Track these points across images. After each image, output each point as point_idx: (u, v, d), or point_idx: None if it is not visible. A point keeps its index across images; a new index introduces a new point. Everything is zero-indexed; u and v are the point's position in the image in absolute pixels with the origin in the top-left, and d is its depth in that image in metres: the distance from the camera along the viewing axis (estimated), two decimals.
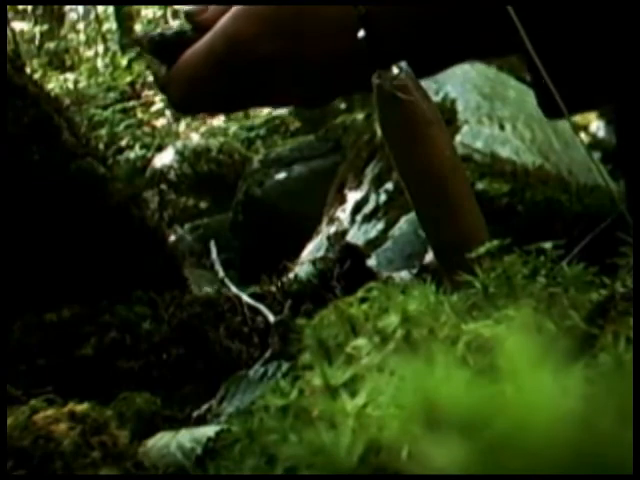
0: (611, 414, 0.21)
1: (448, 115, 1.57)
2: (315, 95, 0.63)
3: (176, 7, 6.77)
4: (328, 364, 0.30)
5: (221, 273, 0.88)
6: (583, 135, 2.39)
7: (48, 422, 0.45)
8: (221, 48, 0.58)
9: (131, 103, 4.12)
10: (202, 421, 0.64)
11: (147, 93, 4.55)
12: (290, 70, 0.58)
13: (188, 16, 0.61)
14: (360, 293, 0.36)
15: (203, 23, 0.60)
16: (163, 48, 0.61)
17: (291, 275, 0.87)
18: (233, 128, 3.39)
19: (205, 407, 0.67)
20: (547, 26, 0.52)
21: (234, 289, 0.83)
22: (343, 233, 1.32)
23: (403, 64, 0.53)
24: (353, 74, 0.58)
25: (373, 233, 0.96)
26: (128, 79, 4.74)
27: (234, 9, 0.58)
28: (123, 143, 2.94)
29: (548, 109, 0.55)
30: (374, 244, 0.94)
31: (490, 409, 0.21)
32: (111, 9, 6.13)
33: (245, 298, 0.81)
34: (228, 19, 0.58)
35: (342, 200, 1.65)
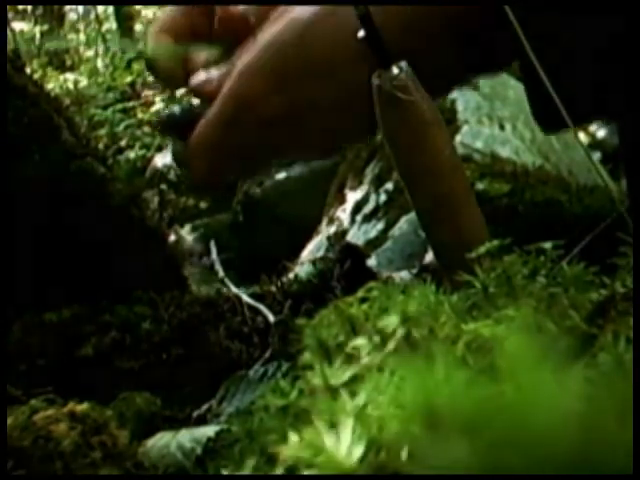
0: (611, 414, 0.21)
1: (448, 115, 1.57)
2: (330, 143, 0.62)
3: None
4: (328, 364, 0.30)
5: (221, 273, 0.88)
6: (583, 135, 2.39)
7: (48, 422, 0.45)
8: (230, 111, 0.57)
9: (131, 103, 4.12)
10: (202, 421, 0.64)
11: (147, 93, 4.55)
12: (302, 122, 0.57)
13: (196, 92, 0.61)
14: (360, 293, 0.36)
15: (208, 94, 0.59)
16: (174, 127, 0.62)
17: (291, 275, 0.87)
18: None
19: (205, 407, 0.67)
20: (542, 38, 0.51)
21: (234, 289, 0.83)
22: (343, 233, 1.32)
23: (403, 64, 0.53)
24: (368, 113, 0.55)
25: (373, 233, 0.96)
26: (128, 79, 4.74)
27: (237, 69, 0.57)
28: (123, 143, 2.94)
29: (544, 121, 0.54)
30: (374, 244, 0.94)
31: (490, 409, 0.21)
32: (111, 9, 6.13)
33: (245, 298, 0.81)
34: (233, 81, 0.57)
35: (342, 200, 1.65)
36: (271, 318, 0.78)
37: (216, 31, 0.63)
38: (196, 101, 0.62)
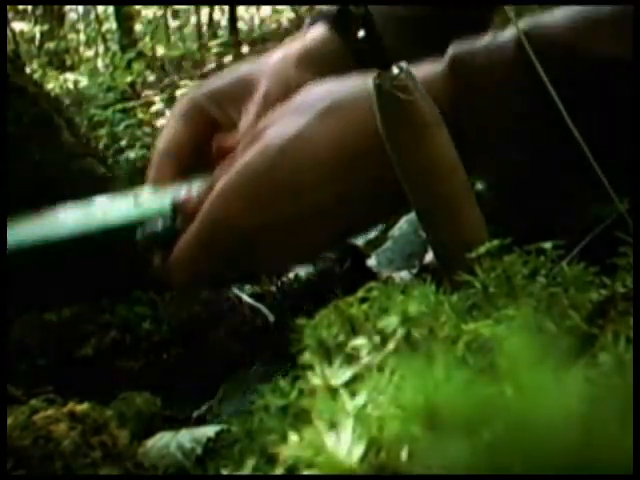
0: (611, 414, 0.21)
1: None
2: (306, 253, 0.67)
3: (176, 7, 6.77)
4: (328, 364, 0.30)
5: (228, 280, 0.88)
6: None
7: (48, 422, 0.45)
8: (208, 233, 0.62)
9: (131, 103, 4.12)
10: (202, 421, 0.64)
11: (147, 93, 4.55)
12: (277, 236, 0.61)
13: (176, 209, 0.66)
14: (360, 293, 0.36)
15: (188, 213, 0.64)
16: (156, 242, 0.67)
17: (291, 275, 0.87)
18: None
19: (205, 407, 0.67)
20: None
21: (234, 289, 0.83)
22: None
23: (403, 64, 0.53)
24: (345, 220, 0.62)
25: (373, 233, 0.96)
26: (128, 79, 4.73)
27: (215, 192, 0.62)
28: (123, 143, 2.94)
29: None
30: (374, 244, 0.94)
31: (490, 409, 0.21)
32: (111, 9, 6.13)
33: (245, 298, 0.81)
34: (210, 203, 0.62)
35: None
36: (271, 318, 0.78)
37: (213, 158, 0.71)
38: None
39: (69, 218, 0.67)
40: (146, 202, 0.69)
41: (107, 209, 0.68)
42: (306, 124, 0.61)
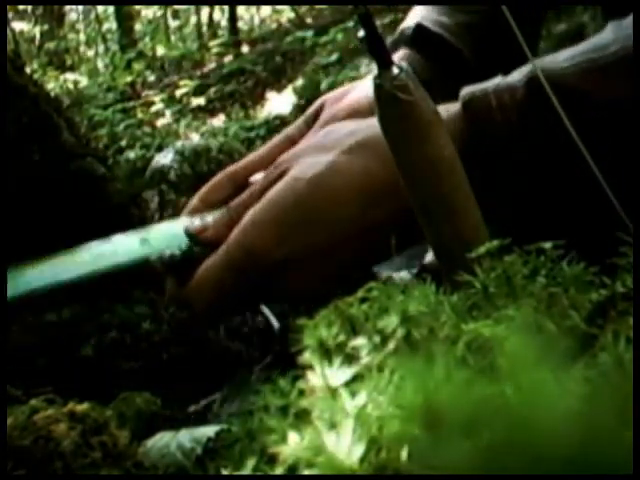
0: (611, 414, 0.21)
1: None
2: (333, 279, 0.68)
3: (176, 7, 6.77)
4: (328, 364, 0.30)
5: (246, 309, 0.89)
6: None
7: (48, 422, 0.45)
8: (239, 259, 0.64)
9: (131, 103, 4.12)
10: (202, 420, 0.64)
11: (147, 93, 4.55)
12: (306, 265, 0.64)
13: (191, 237, 0.68)
14: (360, 293, 0.36)
15: (207, 241, 0.67)
16: (174, 267, 0.68)
17: None
18: (233, 128, 3.40)
19: (204, 402, 0.67)
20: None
21: None
22: None
23: (403, 64, 0.53)
24: (373, 249, 0.64)
25: None
26: (128, 79, 4.74)
27: (243, 222, 0.65)
28: (123, 143, 2.94)
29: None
30: None
31: (490, 409, 0.21)
32: (111, 9, 6.13)
33: None
34: (241, 232, 0.64)
35: None
36: (274, 322, 0.78)
37: None
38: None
39: (77, 259, 0.68)
40: (154, 239, 0.70)
41: (115, 249, 0.69)
42: (334, 159, 0.64)
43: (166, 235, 0.70)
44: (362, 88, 0.80)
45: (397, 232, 0.63)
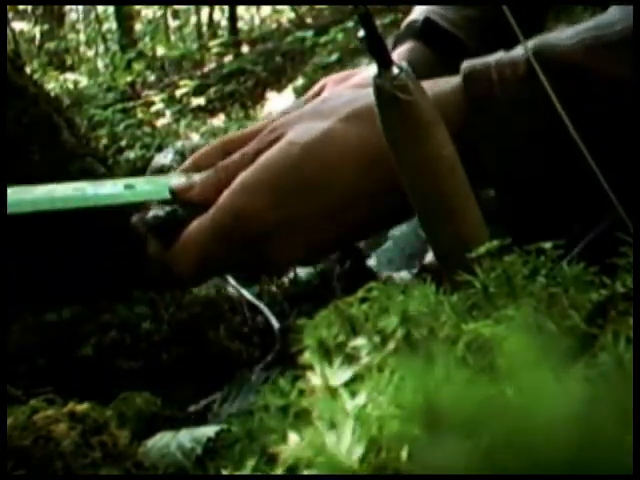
0: (611, 414, 0.21)
1: None
2: (317, 251, 0.67)
3: (176, 7, 6.77)
4: (328, 364, 0.30)
5: (228, 275, 0.88)
6: None
7: (48, 422, 0.45)
8: (229, 224, 0.62)
9: (131, 103, 4.12)
10: (202, 420, 0.64)
11: (147, 93, 4.55)
12: (294, 232, 0.63)
13: (175, 195, 0.66)
14: (360, 293, 0.36)
15: (192, 200, 0.65)
16: (158, 228, 0.65)
17: (291, 275, 0.87)
18: (233, 128, 3.40)
19: (204, 402, 0.67)
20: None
21: (244, 291, 0.83)
22: None
23: (403, 64, 0.53)
24: (364, 218, 0.64)
25: None
26: (128, 79, 4.74)
27: (233, 185, 0.63)
28: (123, 143, 2.94)
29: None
30: (374, 244, 0.94)
31: (490, 409, 0.21)
32: (111, 9, 6.12)
33: (255, 301, 0.81)
34: (230, 195, 0.62)
35: None
36: (274, 322, 0.78)
37: None
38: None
39: (63, 191, 0.66)
40: (140, 186, 0.68)
41: (100, 188, 0.67)
42: (331, 126, 0.63)
43: (151, 184, 0.68)
44: (367, 72, 0.79)
45: (391, 204, 0.62)
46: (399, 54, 0.84)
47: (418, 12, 0.89)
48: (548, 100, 0.52)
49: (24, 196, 0.64)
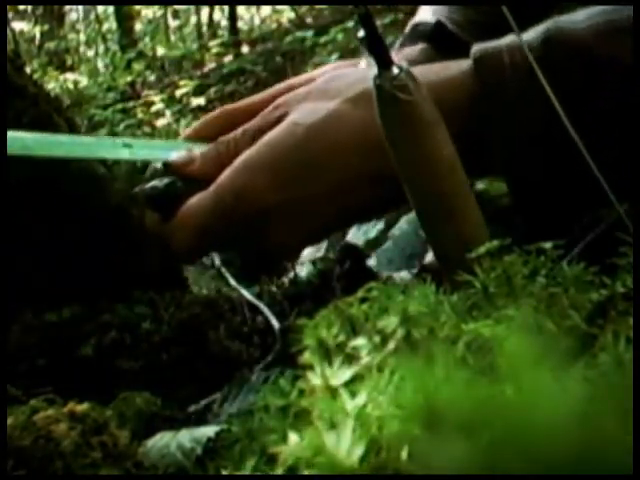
0: (611, 414, 0.21)
1: None
2: (316, 232, 0.67)
3: (176, 7, 6.77)
4: (328, 364, 0.30)
5: (228, 275, 0.88)
6: None
7: (48, 422, 0.45)
8: (229, 202, 0.61)
9: (131, 103, 4.12)
10: (202, 420, 0.64)
11: (147, 93, 4.55)
12: (294, 214, 0.62)
13: (174, 168, 0.65)
14: (360, 293, 0.36)
15: (192, 174, 0.64)
16: (156, 200, 0.65)
17: (291, 275, 0.87)
18: None
19: (204, 402, 0.67)
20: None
21: (244, 291, 0.83)
22: (343, 233, 1.31)
23: (403, 64, 0.53)
24: (365, 200, 0.63)
25: (373, 233, 0.96)
26: (128, 79, 4.73)
27: (236, 163, 0.62)
28: None
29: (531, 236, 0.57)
30: (374, 244, 0.94)
31: (490, 409, 0.21)
32: (111, 9, 6.12)
33: (255, 301, 0.81)
34: (233, 173, 0.62)
35: None
36: (275, 323, 0.78)
37: None
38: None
39: (65, 142, 0.66)
40: (137, 146, 0.67)
41: (100, 144, 0.68)
42: (336, 107, 0.62)
43: (150, 147, 0.68)
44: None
45: (391, 189, 0.62)
46: (409, 55, 0.83)
47: (425, 13, 0.89)
48: (558, 85, 0.51)
49: (23, 137, 0.64)
